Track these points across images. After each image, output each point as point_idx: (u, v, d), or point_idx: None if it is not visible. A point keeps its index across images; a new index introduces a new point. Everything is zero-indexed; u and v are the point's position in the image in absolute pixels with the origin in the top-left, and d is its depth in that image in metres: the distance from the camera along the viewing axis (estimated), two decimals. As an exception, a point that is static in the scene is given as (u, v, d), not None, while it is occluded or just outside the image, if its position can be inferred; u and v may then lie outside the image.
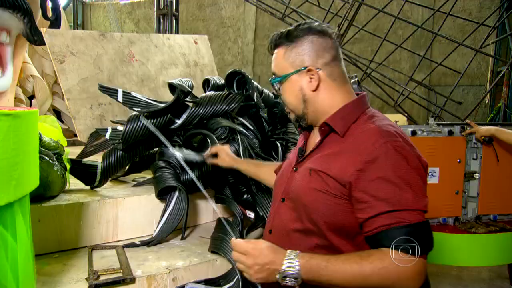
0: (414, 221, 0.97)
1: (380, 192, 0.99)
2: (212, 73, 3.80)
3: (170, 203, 1.73)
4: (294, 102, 1.19)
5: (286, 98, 1.21)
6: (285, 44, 1.17)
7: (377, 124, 1.07)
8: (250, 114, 2.11)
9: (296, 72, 1.15)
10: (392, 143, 1.01)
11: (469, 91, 7.76)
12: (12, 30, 2.60)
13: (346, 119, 1.12)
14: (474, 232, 2.75)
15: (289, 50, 1.16)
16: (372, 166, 1.00)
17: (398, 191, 0.98)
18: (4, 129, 0.83)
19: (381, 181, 0.99)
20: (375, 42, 7.21)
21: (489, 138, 2.75)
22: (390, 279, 0.96)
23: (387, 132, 1.04)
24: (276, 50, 1.20)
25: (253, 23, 9.69)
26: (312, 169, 1.11)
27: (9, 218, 0.88)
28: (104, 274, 1.33)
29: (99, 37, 2.97)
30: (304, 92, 1.16)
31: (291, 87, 1.18)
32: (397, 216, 0.97)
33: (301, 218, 1.13)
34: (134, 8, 11.09)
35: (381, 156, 1.00)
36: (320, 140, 1.16)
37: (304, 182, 1.13)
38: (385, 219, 0.98)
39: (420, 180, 1.01)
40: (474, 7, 7.66)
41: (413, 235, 0.96)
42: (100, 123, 2.75)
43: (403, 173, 0.99)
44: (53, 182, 1.56)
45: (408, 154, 1.02)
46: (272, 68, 1.22)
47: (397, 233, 0.97)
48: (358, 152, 1.03)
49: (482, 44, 4.02)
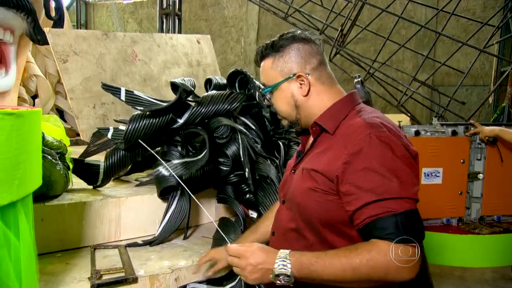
0: (401, 209, 0.97)
1: (365, 182, 0.99)
2: (215, 73, 3.79)
3: (172, 202, 1.73)
4: (287, 109, 1.21)
5: (279, 106, 1.23)
6: (272, 55, 1.19)
7: (363, 117, 1.08)
8: (252, 113, 2.11)
9: (286, 80, 1.18)
10: (376, 133, 1.02)
11: (472, 91, 7.72)
12: (16, 29, 2.60)
13: (335, 116, 1.14)
14: (478, 233, 2.74)
15: (276, 60, 1.18)
16: (357, 157, 1.01)
17: (383, 180, 0.98)
18: (7, 128, 0.83)
19: (366, 171, 0.99)
20: (378, 42, 7.18)
21: (493, 138, 2.74)
22: (380, 269, 0.95)
23: (371, 123, 1.05)
24: (263, 62, 1.22)
25: (255, 23, 9.69)
26: (304, 169, 1.14)
27: (12, 217, 0.88)
28: (107, 273, 1.33)
29: (102, 37, 2.97)
30: (295, 98, 1.18)
31: (282, 94, 1.20)
32: (383, 205, 0.97)
33: (296, 218, 1.15)
34: (137, 7, 11.11)
35: (365, 147, 1.00)
36: (313, 140, 1.18)
37: (298, 182, 1.15)
38: (371, 209, 0.98)
39: (407, 168, 1.01)
40: (478, 7, 7.62)
41: (400, 223, 0.96)
42: (103, 123, 2.75)
43: (388, 162, 0.99)
44: (56, 181, 1.57)
45: (393, 144, 1.02)
46: (262, 79, 1.24)
47: (384, 223, 0.96)
48: (344, 146, 1.04)
49: (486, 44, 4.00)
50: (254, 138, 2.03)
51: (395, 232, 0.95)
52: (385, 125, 1.05)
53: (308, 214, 1.10)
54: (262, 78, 1.24)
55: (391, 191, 0.97)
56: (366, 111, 1.13)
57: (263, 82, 1.24)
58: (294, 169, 1.23)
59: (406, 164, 1.01)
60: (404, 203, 0.98)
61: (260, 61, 1.23)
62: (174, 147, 1.90)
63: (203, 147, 1.85)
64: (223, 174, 1.87)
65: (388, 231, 0.95)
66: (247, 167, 1.78)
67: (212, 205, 2.00)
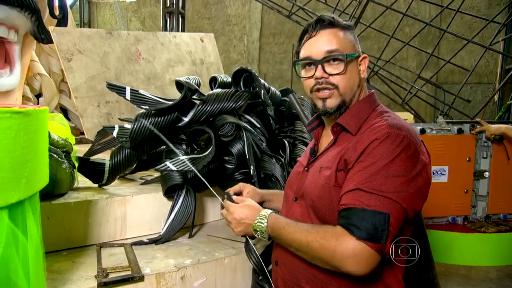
0: (372, 207, 0.94)
1: (358, 173, 0.99)
2: (218, 71, 3.79)
3: (177, 201, 1.72)
4: (353, 84, 1.14)
5: (349, 78, 1.12)
6: (341, 28, 1.13)
7: (386, 120, 1.06)
8: (257, 112, 2.10)
9: (359, 56, 1.15)
10: (394, 133, 1.00)
11: (477, 89, 7.68)
12: (20, 28, 2.59)
13: (357, 117, 1.12)
14: (484, 231, 2.73)
15: (347, 34, 1.14)
16: (367, 157, 1.00)
17: (371, 173, 0.97)
18: (15, 127, 0.83)
19: (368, 168, 0.98)
20: (382, 40, 7.16)
21: (499, 136, 2.73)
22: (327, 251, 0.97)
23: (393, 124, 1.03)
24: (333, 29, 1.12)
25: (258, 21, 9.67)
26: (322, 167, 1.12)
27: (20, 215, 0.88)
28: (113, 271, 1.33)
29: (106, 35, 2.97)
30: (360, 77, 1.15)
31: (355, 68, 1.14)
32: (358, 197, 0.96)
33: (309, 215, 1.14)
34: (140, 6, 11.11)
35: (377, 143, 1.00)
36: (333, 139, 1.15)
37: (313, 179, 1.13)
38: (348, 198, 0.98)
39: (407, 174, 0.97)
40: (482, 4, 7.58)
41: (364, 220, 0.94)
42: (107, 121, 2.75)
43: (388, 161, 0.97)
44: (62, 180, 1.57)
45: (405, 147, 0.99)
46: (329, 45, 1.11)
47: (353, 214, 0.96)
48: (361, 146, 1.02)
49: (491, 42, 3.97)
50: (259, 136, 2.02)
51: (356, 225, 0.94)
52: (405, 127, 1.03)
53: (324, 212, 1.08)
54: (330, 43, 1.11)
55: (373, 185, 0.96)
56: (390, 116, 1.10)
57: (329, 48, 1.11)
58: (307, 167, 1.21)
59: (407, 169, 0.98)
60: (383, 203, 0.95)
61: (326, 28, 1.13)
62: (179, 145, 1.90)
63: (209, 144, 1.85)
64: (228, 172, 1.87)
65: (351, 222, 0.95)
66: (252, 164, 1.78)
67: (217, 204, 2.00)
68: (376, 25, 5.57)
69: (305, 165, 1.23)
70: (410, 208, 0.98)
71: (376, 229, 0.93)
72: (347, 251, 0.94)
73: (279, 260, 1.21)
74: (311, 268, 1.08)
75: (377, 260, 0.94)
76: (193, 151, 1.90)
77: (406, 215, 0.97)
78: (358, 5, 4.55)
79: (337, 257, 0.95)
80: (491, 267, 3.79)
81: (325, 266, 1.01)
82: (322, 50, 1.11)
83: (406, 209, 0.96)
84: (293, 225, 1.08)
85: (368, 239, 0.93)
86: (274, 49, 9.61)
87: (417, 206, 1.01)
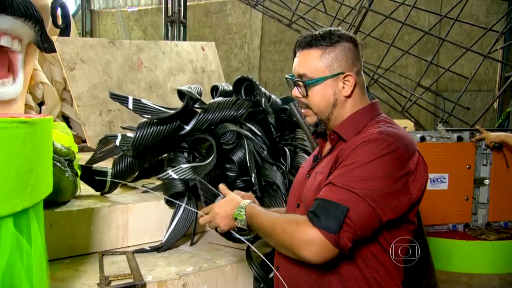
0: (336, 199, 0.97)
1: (337, 170, 1.03)
2: (219, 79, 3.82)
3: (179, 209, 1.73)
4: (323, 105, 1.16)
5: (316, 101, 1.15)
6: (322, 47, 1.13)
7: (380, 127, 1.07)
8: (258, 120, 2.12)
9: (333, 76, 1.13)
10: (382, 137, 1.02)
11: (476, 96, 7.71)
12: (24, 38, 2.63)
13: (355, 126, 1.13)
14: (485, 239, 2.73)
15: (326, 53, 1.13)
16: (351, 153, 1.03)
17: (348, 170, 1.00)
18: (21, 137, 0.84)
19: (346, 163, 1.02)
20: (381, 48, 7.20)
21: (499, 144, 2.74)
22: (287, 234, 1.02)
23: (383, 131, 1.04)
24: (309, 50, 1.14)
25: (259, 30, 9.75)
26: (317, 172, 1.15)
27: (25, 223, 0.89)
28: (115, 279, 1.33)
29: (109, 45, 3.01)
30: (336, 97, 1.15)
31: (324, 90, 1.15)
32: (328, 190, 1.01)
33: None
34: (141, 15, 11.21)
35: (363, 145, 1.02)
36: (330, 147, 1.18)
37: (310, 185, 1.16)
38: (322, 191, 1.02)
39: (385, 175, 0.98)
40: (481, 13, 7.64)
41: (324, 210, 0.97)
42: (109, 129, 2.77)
43: (368, 160, 0.99)
44: (64, 188, 1.58)
45: (390, 151, 1.00)
46: (300, 68, 1.15)
47: (317, 204, 1.00)
48: (350, 147, 1.05)
49: (490, 50, 4.00)
50: (260, 144, 2.04)
51: (317, 214, 0.98)
52: (398, 135, 1.04)
53: None
54: (304, 67, 1.14)
55: (346, 182, 0.98)
56: (386, 123, 1.11)
57: (301, 72, 1.15)
58: (309, 174, 1.23)
59: (389, 172, 0.99)
60: (348, 197, 0.97)
61: (305, 48, 1.15)
62: (180, 153, 1.91)
63: (210, 153, 1.86)
64: (229, 179, 1.88)
65: (314, 211, 0.99)
66: (253, 172, 1.79)
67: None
68: (376, 34, 5.61)
69: (306, 172, 1.25)
70: (380, 208, 0.97)
71: (333, 220, 0.96)
72: (303, 236, 0.98)
73: (280, 265, 1.22)
74: (311, 273, 1.10)
75: (332, 251, 0.96)
76: (194, 159, 1.92)
77: (376, 215, 0.97)
78: (358, 14, 4.59)
79: (294, 242, 1.00)
80: (493, 275, 3.77)
81: (288, 253, 1.05)
82: (296, 72, 1.17)
83: (375, 208, 0.97)
84: (266, 212, 1.16)
85: (324, 228, 0.96)
86: (274, 57, 9.67)
87: (393, 209, 1.00)
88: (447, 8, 5.78)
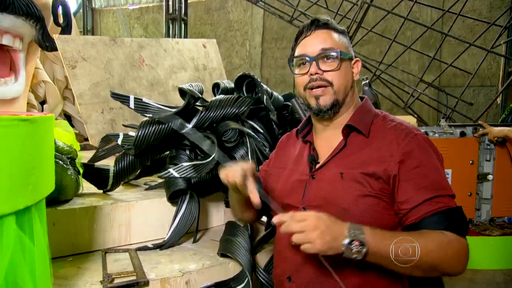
0: (453, 205, 1.03)
1: (421, 180, 1.03)
2: (221, 77, 3.81)
3: (181, 206, 1.73)
4: (345, 84, 1.14)
5: (341, 76, 1.12)
6: (335, 30, 1.17)
7: (399, 122, 1.14)
8: (260, 117, 2.11)
9: (351, 58, 1.18)
10: (421, 135, 1.09)
11: (479, 91, 7.67)
12: (25, 37, 2.63)
13: (364, 120, 1.15)
14: (488, 234, 2.72)
15: (341, 36, 1.17)
16: (409, 156, 1.05)
17: (436, 177, 1.05)
18: (22, 135, 0.84)
19: (420, 169, 1.04)
20: (383, 44, 7.17)
21: (502, 139, 2.72)
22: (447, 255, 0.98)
23: (412, 127, 1.12)
24: (328, 30, 1.15)
25: (260, 27, 9.72)
26: (344, 173, 1.08)
27: (27, 221, 0.89)
28: (118, 277, 1.33)
29: (110, 43, 3.01)
30: (353, 78, 1.18)
31: (348, 68, 1.16)
32: (439, 201, 1.02)
33: None
34: (142, 13, 11.20)
35: (415, 147, 1.06)
36: (344, 142, 1.13)
37: (338, 186, 1.08)
38: (428, 205, 1.02)
39: (443, 169, 1.10)
40: (484, 7, 7.58)
41: (455, 218, 1.01)
42: (111, 127, 2.77)
43: (434, 161, 1.07)
44: (67, 186, 1.58)
45: (433, 145, 1.11)
46: (325, 43, 1.13)
47: (441, 217, 1.01)
48: (393, 147, 1.07)
49: (493, 44, 3.97)
50: (262, 142, 2.03)
51: (454, 226, 1.00)
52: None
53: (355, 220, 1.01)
54: (326, 42, 1.13)
55: (443, 188, 1.04)
56: (395, 118, 1.17)
57: (325, 46, 1.12)
58: (313, 174, 1.15)
59: (442, 166, 1.10)
60: (453, 200, 1.05)
61: (323, 28, 1.15)
62: (182, 151, 1.91)
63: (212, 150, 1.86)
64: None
65: (449, 224, 1.00)
66: (255, 170, 1.78)
67: (221, 209, 2.01)
68: (378, 29, 5.59)
69: (308, 173, 1.17)
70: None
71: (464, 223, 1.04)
72: (464, 253, 1.00)
73: (292, 276, 1.14)
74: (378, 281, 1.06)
75: None
76: (196, 157, 1.91)
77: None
78: (360, 10, 4.57)
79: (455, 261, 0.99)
80: (497, 270, 3.76)
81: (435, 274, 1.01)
82: (317, 47, 1.13)
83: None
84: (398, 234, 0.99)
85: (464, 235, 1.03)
86: (276, 54, 9.65)
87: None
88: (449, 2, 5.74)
